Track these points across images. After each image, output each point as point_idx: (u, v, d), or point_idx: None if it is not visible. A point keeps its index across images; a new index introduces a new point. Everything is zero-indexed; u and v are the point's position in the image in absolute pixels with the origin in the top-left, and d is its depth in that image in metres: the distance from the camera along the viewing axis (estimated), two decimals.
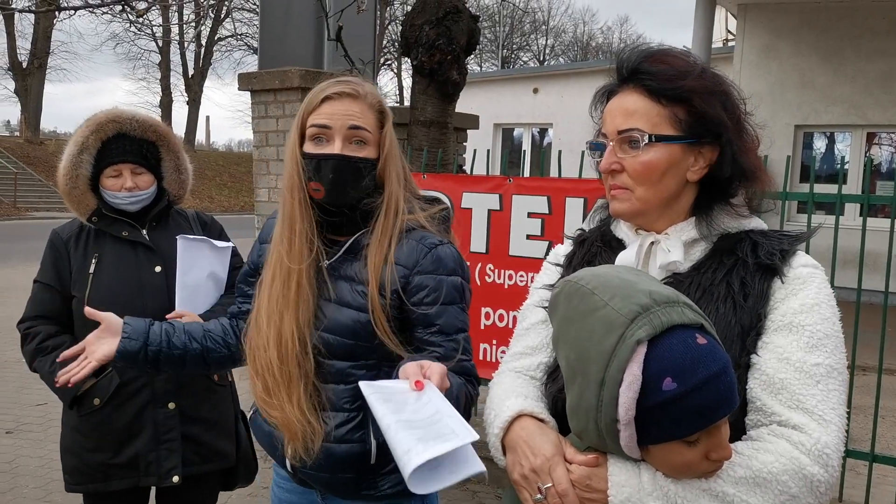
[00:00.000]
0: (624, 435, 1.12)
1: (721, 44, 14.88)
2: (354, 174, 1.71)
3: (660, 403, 1.08)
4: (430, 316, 1.71)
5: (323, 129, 1.71)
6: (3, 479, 4.40)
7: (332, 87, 1.73)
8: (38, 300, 2.44)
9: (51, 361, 2.34)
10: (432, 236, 1.76)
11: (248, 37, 36.97)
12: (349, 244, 1.77)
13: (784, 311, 1.29)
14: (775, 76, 10.84)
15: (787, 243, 1.36)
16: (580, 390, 1.15)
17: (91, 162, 2.38)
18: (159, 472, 2.38)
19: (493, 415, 1.41)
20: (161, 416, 2.39)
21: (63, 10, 12.80)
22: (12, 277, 11.71)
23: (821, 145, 11.67)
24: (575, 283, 1.21)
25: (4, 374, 6.62)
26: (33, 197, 25.70)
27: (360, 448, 1.73)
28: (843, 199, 3.60)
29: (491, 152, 5.00)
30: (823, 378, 1.24)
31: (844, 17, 10.38)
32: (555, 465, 1.21)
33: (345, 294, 1.73)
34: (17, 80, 32.25)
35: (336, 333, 1.72)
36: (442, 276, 1.72)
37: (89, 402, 2.36)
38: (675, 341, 1.10)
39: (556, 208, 3.82)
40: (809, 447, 1.19)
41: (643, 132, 1.34)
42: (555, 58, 46.30)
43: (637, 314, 1.11)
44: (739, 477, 1.16)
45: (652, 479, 1.15)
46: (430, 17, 4.96)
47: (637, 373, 1.09)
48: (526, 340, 1.54)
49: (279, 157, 5.06)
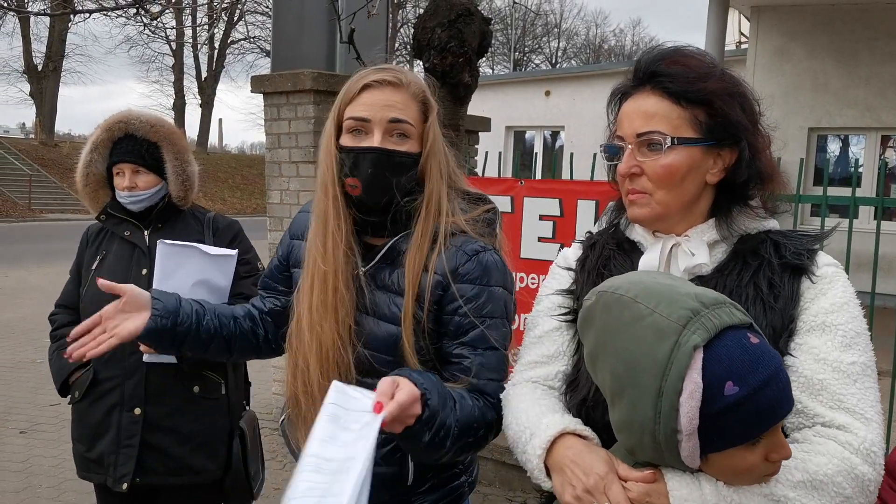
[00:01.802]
0: (686, 446, 1.08)
1: (734, 46, 14.81)
2: (394, 170, 1.58)
3: (723, 409, 1.05)
4: (463, 327, 1.58)
5: (361, 122, 1.58)
6: (17, 479, 4.43)
7: (372, 74, 1.60)
8: (64, 290, 2.57)
9: (54, 349, 2.47)
10: (473, 241, 1.61)
11: (261, 39, 37.14)
12: (386, 249, 1.63)
13: (815, 312, 1.28)
14: (789, 79, 10.79)
15: (810, 243, 1.35)
16: (633, 403, 1.10)
17: (101, 161, 2.45)
18: (114, 476, 2.37)
19: (529, 434, 1.33)
20: (125, 421, 2.36)
21: (78, 13, 12.91)
22: (27, 279, 11.78)
23: (835, 148, 11.60)
24: (612, 292, 1.16)
25: (19, 374, 6.67)
26: (48, 199, 25.88)
27: (398, 470, 1.63)
28: (857, 202, 3.58)
29: (502, 155, 5.00)
30: (860, 376, 1.24)
31: (859, 19, 10.31)
32: (610, 483, 1.16)
33: (382, 306, 1.61)
34: (32, 82, 32.51)
35: (373, 349, 1.60)
36: (481, 285, 1.58)
37: (72, 394, 2.46)
38: (731, 343, 1.06)
39: (567, 211, 3.82)
40: (857, 446, 1.18)
41: (664, 134, 1.32)
42: (567, 60, 46.24)
43: (689, 319, 1.06)
44: (798, 481, 1.15)
45: (714, 490, 1.12)
46: (441, 20, 4.96)
47: (698, 380, 1.04)
48: (540, 349, 1.49)
49: (291, 160, 5.07)
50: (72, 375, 2.44)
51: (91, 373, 2.40)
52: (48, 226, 21.01)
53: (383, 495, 1.63)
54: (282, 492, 2.23)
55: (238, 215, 25.78)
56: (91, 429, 2.41)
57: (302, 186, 5.03)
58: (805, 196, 3.83)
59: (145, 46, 37.86)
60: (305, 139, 4.96)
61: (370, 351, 1.61)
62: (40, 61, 32.67)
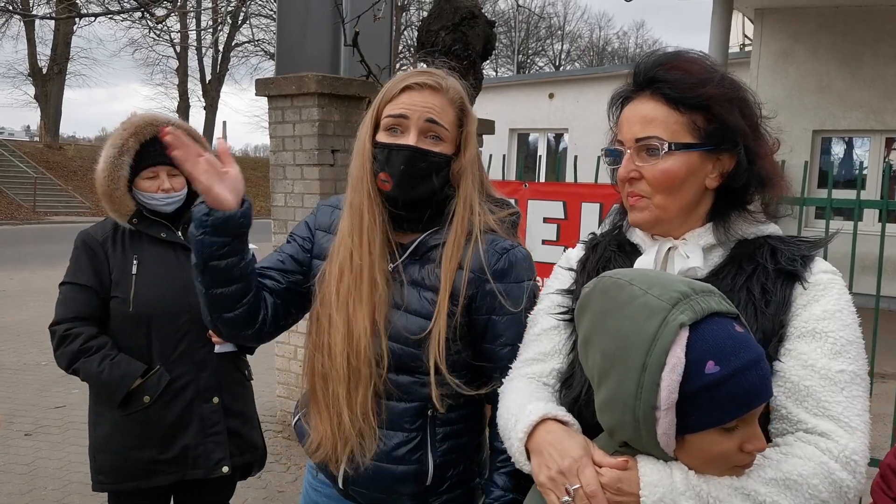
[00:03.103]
0: (663, 422, 1.11)
1: (738, 48, 14.80)
2: (426, 168, 1.63)
3: (702, 388, 1.08)
4: (500, 326, 1.65)
5: (399, 120, 1.63)
6: (22, 481, 4.44)
7: (414, 76, 1.65)
8: (73, 301, 2.45)
9: (98, 362, 2.38)
10: (503, 240, 1.69)
11: (266, 43, 37.22)
12: (415, 245, 1.68)
13: (806, 318, 1.29)
14: (793, 81, 10.78)
15: (807, 249, 1.35)
16: (618, 379, 1.14)
17: (130, 164, 2.42)
18: (208, 465, 2.46)
19: (514, 420, 1.38)
20: (206, 411, 2.47)
21: (83, 16, 12.95)
22: (31, 281, 11.82)
23: (839, 150, 11.59)
24: (609, 277, 1.22)
25: (24, 377, 6.68)
26: (52, 201, 25.95)
27: (418, 469, 1.66)
28: (861, 204, 3.58)
29: (506, 157, 5.00)
30: (848, 385, 1.24)
31: (862, 21, 10.30)
32: (583, 466, 1.20)
33: (413, 300, 1.65)
34: (37, 85, 32.58)
35: (402, 343, 1.63)
36: (513, 282, 1.66)
37: (139, 399, 2.40)
38: (716, 327, 1.11)
39: (571, 213, 3.82)
40: (837, 453, 1.19)
41: (662, 140, 1.34)
42: (570, 63, 46.25)
43: (678, 300, 1.12)
44: (770, 478, 1.16)
45: (684, 478, 1.14)
46: (446, 23, 4.97)
47: (681, 355, 1.09)
48: (538, 346, 1.52)
49: (296, 163, 5.08)
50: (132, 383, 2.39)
51: (165, 374, 2.41)
52: (53, 228, 21.06)
53: (403, 493, 1.68)
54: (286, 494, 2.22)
55: None
56: (167, 429, 2.43)
57: (306, 189, 5.04)
58: (809, 199, 3.82)
59: (150, 49, 37.96)
60: (310, 142, 4.97)
61: (398, 345, 1.64)
62: (45, 64, 32.75)
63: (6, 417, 5.53)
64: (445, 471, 1.69)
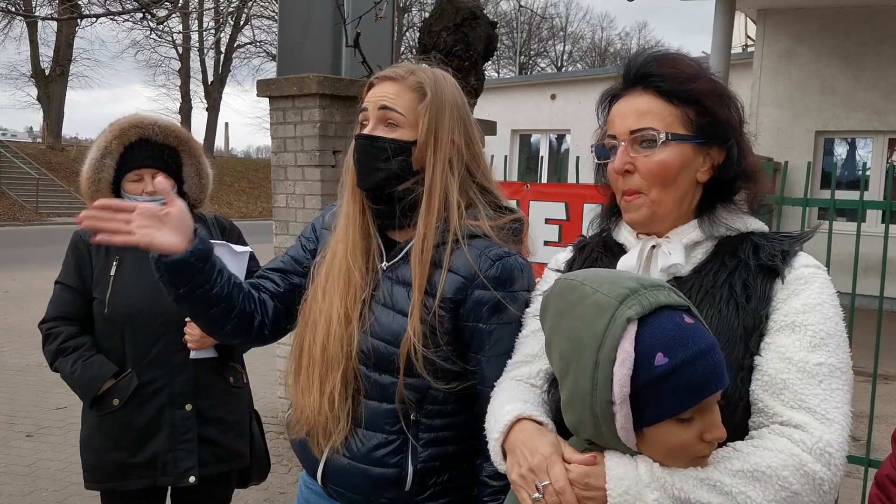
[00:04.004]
0: (620, 416, 1.13)
1: (740, 49, 14.80)
2: (377, 154, 1.61)
3: (653, 380, 1.10)
4: (484, 335, 1.59)
5: (363, 114, 1.67)
6: (23, 483, 4.44)
7: (381, 72, 1.71)
8: (59, 301, 2.48)
9: (72, 362, 2.39)
10: (497, 246, 1.61)
11: (267, 44, 37.29)
12: (409, 247, 1.66)
13: (786, 312, 1.29)
14: (795, 82, 10.77)
15: (788, 244, 1.37)
16: (574, 378, 1.17)
17: (113, 166, 2.40)
18: (176, 472, 2.41)
19: (493, 420, 1.41)
20: (178, 417, 2.42)
21: (85, 17, 12.97)
22: (33, 282, 11.83)
23: (842, 151, 11.57)
24: (564, 279, 1.25)
25: (26, 377, 6.69)
26: (55, 202, 25.98)
27: (396, 473, 1.62)
28: (864, 205, 3.57)
29: (508, 158, 4.99)
30: (826, 377, 1.24)
31: (865, 21, 10.29)
32: (552, 463, 1.22)
33: (400, 300, 1.63)
34: (39, 87, 32.62)
35: (386, 340, 1.61)
36: (505, 291, 1.58)
37: (109, 401, 2.39)
38: (664, 320, 1.13)
39: (573, 214, 3.81)
40: (811, 445, 1.18)
41: (658, 131, 1.36)
42: (572, 64, 46.28)
43: (626, 296, 1.14)
44: (737, 469, 1.16)
45: (649, 470, 1.15)
46: (447, 24, 4.97)
47: (629, 349, 1.11)
48: (525, 348, 1.53)
49: (297, 164, 5.08)
50: (104, 384, 2.39)
51: (134, 378, 2.39)
52: (55, 229, 21.06)
53: (381, 496, 1.65)
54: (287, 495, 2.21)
55: (244, 219, 25.91)
56: (136, 433, 2.40)
57: (307, 190, 5.04)
58: (813, 199, 3.81)
59: (152, 51, 38.12)
60: (311, 143, 4.97)
61: (381, 342, 1.62)
62: (48, 65, 32.81)
63: (8, 418, 5.54)
64: (427, 478, 1.64)
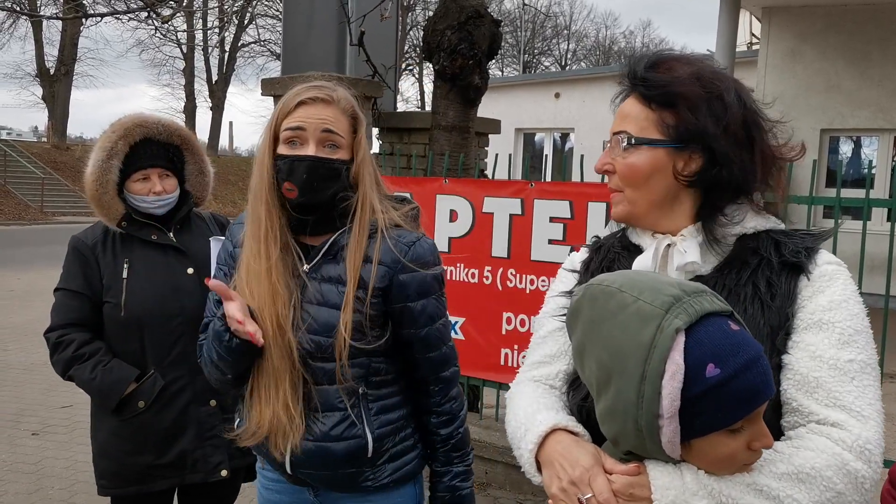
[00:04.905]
0: (667, 430, 1.09)
1: (745, 47, 14.76)
2: (327, 175, 1.77)
3: (704, 391, 1.07)
4: (415, 311, 1.82)
5: (297, 132, 1.76)
6: (29, 481, 4.45)
7: (307, 92, 1.79)
8: (66, 308, 2.43)
9: (90, 368, 2.36)
10: (409, 234, 1.84)
11: (272, 43, 37.27)
12: (328, 246, 1.82)
13: (812, 309, 1.28)
14: (800, 80, 10.73)
15: (811, 241, 1.35)
16: (617, 390, 1.12)
17: (119, 167, 2.38)
18: (206, 468, 2.43)
19: (524, 430, 1.37)
20: (203, 414, 2.44)
21: (90, 17, 12.98)
22: (39, 281, 11.86)
23: (847, 149, 11.54)
24: (597, 285, 1.20)
25: (31, 376, 6.70)
26: (60, 202, 26.04)
27: (357, 443, 1.79)
28: (870, 203, 3.55)
29: (512, 157, 4.99)
30: (858, 374, 1.23)
31: (871, 19, 10.25)
32: (595, 475, 1.19)
33: (330, 295, 1.78)
34: (44, 86, 32.73)
35: (322, 334, 1.76)
36: (423, 270, 1.81)
37: (133, 405, 2.37)
38: (712, 328, 1.09)
39: (578, 213, 3.81)
40: (851, 443, 1.17)
41: (629, 135, 1.38)
42: (576, 62, 46.23)
43: (670, 304, 1.10)
44: (782, 472, 1.15)
45: (695, 478, 1.13)
46: (452, 22, 4.96)
47: (680, 362, 1.07)
48: (543, 349, 1.52)
49: None
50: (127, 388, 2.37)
51: (159, 379, 2.38)
52: (60, 229, 21.11)
53: (349, 468, 1.82)
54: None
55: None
56: (162, 434, 2.40)
57: None
58: (818, 198, 3.79)
59: (156, 50, 38.11)
60: None
61: (319, 336, 1.77)
62: (53, 65, 32.90)
63: (13, 417, 5.56)
64: (383, 443, 1.84)
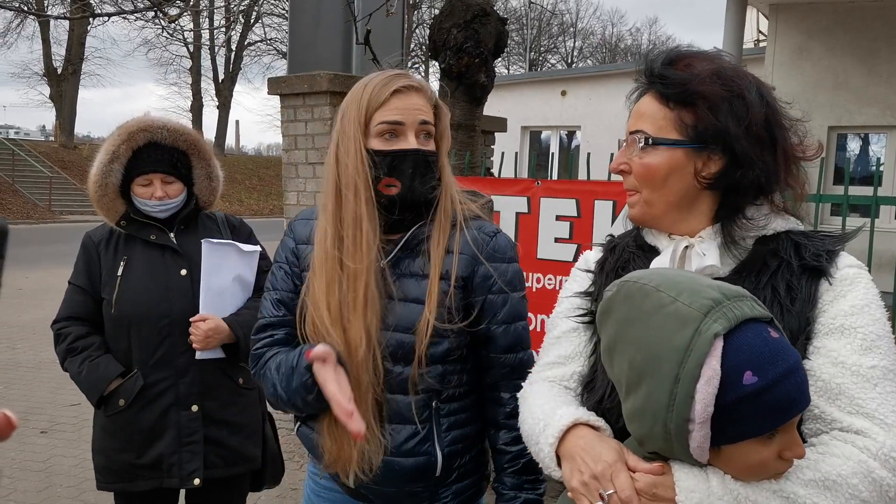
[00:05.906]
0: (697, 435, 1.07)
1: (752, 45, 14.70)
2: (428, 168, 1.68)
3: (739, 399, 1.05)
4: (496, 304, 1.71)
5: (395, 125, 1.65)
6: (38, 479, 4.47)
7: (398, 80, 1.67)
8: (71, 302, 2.48)
9: (79, 362, 2.39)
10: (489, 224, 1.76)
11: (278, 41, 37.35)
12: (406, 239, 1.70)
13: (834, 314, 1.25)
14: (808, 77, 10.69)
15: (832, 244, 1.32)
16: (648, 391, 1.10)
17: (121, 171, 2.38)
18: (181, 474, 2.40)
19: (543, 425, 1.34)
20: (184, 419, 2.40)
21: (97, 16, 13.02)
22: (47, 280, 11.91)
23: (855, 147, 11.49)
24: (634, 282, 1.16)
25: (40, 374, 6.74)
26: (68, 201, 26.14)
27: (427, 461, 1.68)
28: (878, 201, 3.54)
29: (519, 155, 4.98)
30: (881, 380, 1.20)
31: (879, 17, 10.20)
32: (617, 471, 1.17)
33: (412, 290, 1.67)
34: (52, 85, 32.81)
35: (404, 331, 1.65)
36: (504, 263, 1.73)
37: (115, 402, 2.39)
38: (751, 335, 1.06)
39: (584, 211, 3.80)
40: (876, 451, 1.15)
41: (646, 135, 1.35)
42: (583, 60, 46.14)
43: (710, 308, 1.07)
44: (809, 479, 1.13)
45: (721, 482, 1.12)
46: (457, 21, 4.96)
47: (716, 367, 1.04)
48: (558, 350, 1.50)
49: (308, 161, 5.09)
50: (109, 385, 2.38)
51: (139, 379, 2.38)
52: (68, 228, 21.18)
53: (414, 487, 1.70)
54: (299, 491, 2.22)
55: (255, 217, 25.97)
56: (143, 434, 2.39)
57: (318, 188, 5.04)
58: (826, 196, 3.78)
59: (163, 49, 38.20)
60: (322, 141, 4.98)
61: (403, 334, 1.65)
62: (60, 64, 32.98)
63: (22, 415, 5.58)
64: (453, 461, 1.72)
